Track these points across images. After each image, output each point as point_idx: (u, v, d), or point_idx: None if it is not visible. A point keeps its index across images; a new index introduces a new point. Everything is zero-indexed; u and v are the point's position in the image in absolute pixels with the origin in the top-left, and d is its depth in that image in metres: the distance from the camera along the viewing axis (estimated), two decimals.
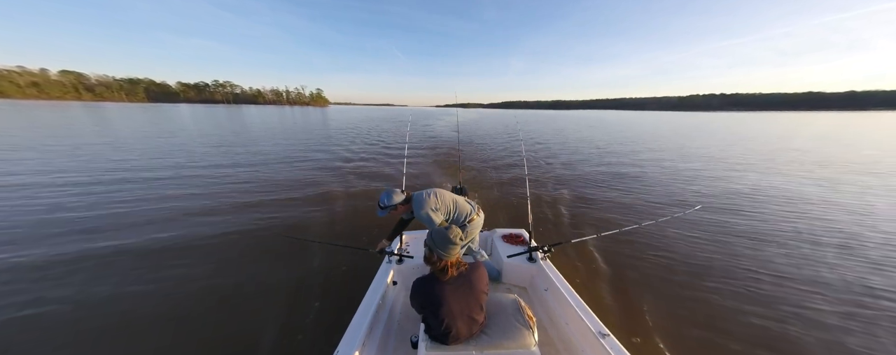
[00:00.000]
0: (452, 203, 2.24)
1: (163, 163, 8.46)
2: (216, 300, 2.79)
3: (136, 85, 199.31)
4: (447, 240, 1.41)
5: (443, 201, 2.19)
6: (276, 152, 10.93)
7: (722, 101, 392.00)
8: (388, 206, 2.12)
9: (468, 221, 2.27)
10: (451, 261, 1.43)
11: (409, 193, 2.22)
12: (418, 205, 2.13)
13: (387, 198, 2.12)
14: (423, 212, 2.10)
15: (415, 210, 2.16)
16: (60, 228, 4.11)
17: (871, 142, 14.99)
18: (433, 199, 2.16)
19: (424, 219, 2.11)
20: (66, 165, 7.71)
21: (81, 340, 2.29)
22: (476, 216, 2.33)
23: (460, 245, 1.44)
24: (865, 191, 6.34)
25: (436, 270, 1.44)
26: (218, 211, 4.93)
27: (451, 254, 1.41)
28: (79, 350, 2.22)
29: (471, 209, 2.32)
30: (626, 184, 6.90)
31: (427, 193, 2.21)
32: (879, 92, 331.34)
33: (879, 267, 3.34)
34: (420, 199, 2.15)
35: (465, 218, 2.26)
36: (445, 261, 1.42)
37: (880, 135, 19.68)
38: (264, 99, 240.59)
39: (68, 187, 5.89)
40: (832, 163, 9.45)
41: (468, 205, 2.34)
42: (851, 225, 4.52)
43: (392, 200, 2.11)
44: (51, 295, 2.74)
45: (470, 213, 2.29)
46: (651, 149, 12.88)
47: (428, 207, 2.11)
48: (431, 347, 1.47)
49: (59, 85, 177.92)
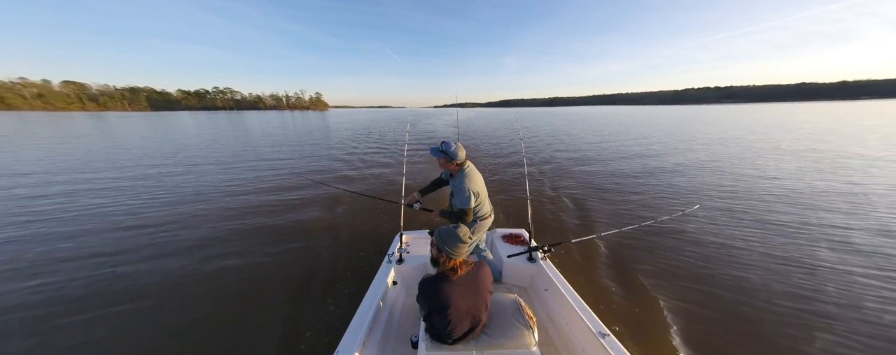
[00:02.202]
0: (485, 196, 2.22)
1: (158, 162, 8.54)
2: (215, 300, 2.80)
3: (138, 94, 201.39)
4: (457, 238, 1.41)
5: (481, 189, 2.14)
6: (279, 153, 11.01)
7: (716, 94, 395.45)
8: (447, 153, 2.02)
9: (484, 218, 2.25)
10: (458, 260, 1.44)
11: (464, 159, 2.12)
12: (468, 178, 2.05)
13: (449, 147, 2.02)
14: (465, 186, 2.02)
15: (462, 180, 2.06)
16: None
17: (879, 135, 14.82)
18: (480, 182, 2.12)
19: (465, 194, 2.02)
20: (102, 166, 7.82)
21: (81, 337, 2.32)
22: (491, 216, 2.32)
23: (469, 243, 1.44)
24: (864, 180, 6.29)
25: (445, 270, 1.44)
26: (217, 210, 4.98)
27: (459, 252, 1.42)
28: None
29: (490, 208, 2.31)
30: (625, 184, 6.87)
31: (478, 175, 2.15)
32: (869, 81, 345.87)
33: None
34: (472, 174, 2.08)
35: (486, 214, 2.25)
36: (455, 260, 1.43)
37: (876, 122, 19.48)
38: (265, 104, 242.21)
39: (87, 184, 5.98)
40: (830, 156, 9.39)
41: (489, 203, 2.32)
42: (853, 215, 4.49)
43: (457, 153, 2.02)
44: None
45: (489, 212, 2.28)
46: (649, 146, 12.80)
47: (472, 186, 2.04)
48: (431, 347, 1.47)
49: (63, 96, 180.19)
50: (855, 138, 13.20)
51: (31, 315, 2.60)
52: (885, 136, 13.54)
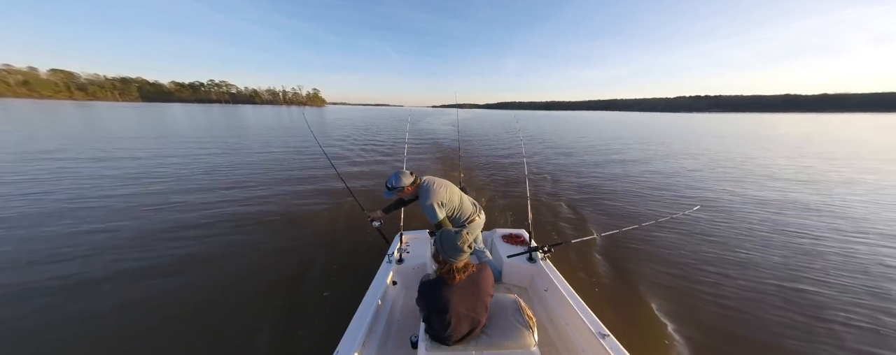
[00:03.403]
0: (459, 200, 2.18)
1: (165, 161, 8.36)
2: (213, 299, 2.75)
3: (129, 84, 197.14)
4: (456, 247, 1.38)
5: (450, 196, 2.12)
6: (276, 149, 10.86)
7: (706, 103, 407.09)
8: (396, 187, 2.05)
9: (469, 221, 2.24)
10: (457, 266, 1.41)
11: (418, 178, 2.12)
12: (426, 194, 2.04)
13: (395, 180, 2.05)
14: (429, 203, 2.01)
15: (421, 198, 2.07)
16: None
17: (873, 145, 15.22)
18: (443, 192, 2.08)
19: (429, 210, 2.02)
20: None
21: (78, 336, 2.25)
22: (477, 217, 2.30)
23: (468, 252, 1.42)
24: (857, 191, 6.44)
25: (443, 272, 1.43)
26: (215, 209, 4.89)
27: (458, 260, 1.39)
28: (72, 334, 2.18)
29: (473, 210, 2.29)
30: (625, 185, 6.92)
31: (438, 184, 2.11)
32: (846, 95, 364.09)
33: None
34: (429, 188, 2.06)
35: (467, 218, 2.23)
36: (451, 266, 1.40)
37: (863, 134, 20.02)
38: (261, 99, 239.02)
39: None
40: (825, 162, 9.61)
41: (472, 205, 2.30)
42: (849, 220, 4.58)
43: (400, 182, 2.03)
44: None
45: (472, 214, 2.26)
46: (648, 149, 12.97)
47: (435, 199, 2.02)
48: (431, 347, 1.46)
49: (50, 84, 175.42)
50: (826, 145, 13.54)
51: None
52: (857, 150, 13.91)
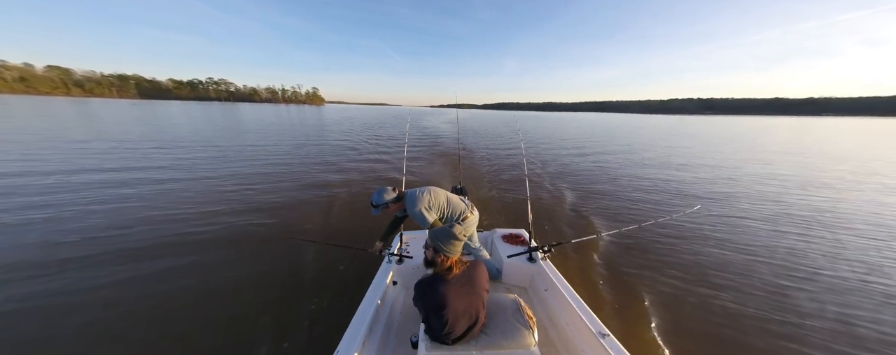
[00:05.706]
0: (446, 200, 2.23)
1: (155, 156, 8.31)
2: (212, 300, 2.73)
3: (126, 81, 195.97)
4: (450, 235, 1.41)
5: (436, 199, 2.19)
6: (280, 151, 10.82)
7: (698, 105, 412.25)
8: (380, 204, 2.11)
9: (461, 219, 2.26)
10: (454, 258, 1.43)
11: (402, 191, 2.21)
12: (411, 203, 2.12)
13: (378, 197, 2.10)
14: (416, 210, 2.09)
15: (408, 208, 2.15)
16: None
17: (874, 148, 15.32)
18: (427, 197, 2.15)
19: (418, 216, 2.10)
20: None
21: (79, 335, 2.23)
22: (469, 214, 2.32)
23: (463, 240, 1.45)
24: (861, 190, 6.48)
25: (440, 270, 1.43)
26: (215, 208, 4.85)
27: (454, 250, 1.41)
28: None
29: (464, 207, 2.32)
30: (625, 185, 6.94)
31: (420, 191, 2.20)
32: (831, 99, 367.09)
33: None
34: (413, 197, 2.14)
35: (459, 216, 2.26)
36: (451, 259, 1.42)
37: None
38: (260, 97, 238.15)
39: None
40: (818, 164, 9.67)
41: (462, 202, 2.34)
42: (851, 219, 4.61)
43: (383, 198, 2.10)
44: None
45: (463, 211, 2.28)
46: (647, 150, 13.01)
47: (421, 205, 2.10)
48: (431, 347, 1.46)
49: (47, 80, 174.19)
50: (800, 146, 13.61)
51: None
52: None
